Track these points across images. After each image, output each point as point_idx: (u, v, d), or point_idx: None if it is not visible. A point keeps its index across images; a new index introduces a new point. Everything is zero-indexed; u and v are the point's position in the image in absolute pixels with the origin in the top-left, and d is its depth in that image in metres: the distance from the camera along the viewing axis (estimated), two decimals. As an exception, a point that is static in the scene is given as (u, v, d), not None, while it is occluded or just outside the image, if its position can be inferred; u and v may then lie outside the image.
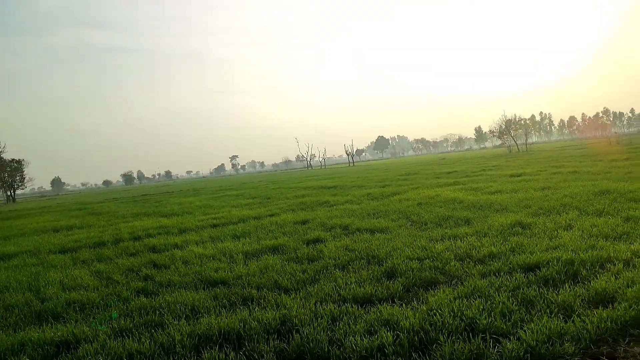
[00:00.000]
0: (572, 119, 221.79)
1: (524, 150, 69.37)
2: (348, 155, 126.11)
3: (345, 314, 4.62)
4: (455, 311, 4.27)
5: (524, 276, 5.17)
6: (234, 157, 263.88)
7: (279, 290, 5.76)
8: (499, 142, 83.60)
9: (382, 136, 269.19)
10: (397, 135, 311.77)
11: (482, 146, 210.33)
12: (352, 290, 5.32)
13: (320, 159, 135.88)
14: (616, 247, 5.93)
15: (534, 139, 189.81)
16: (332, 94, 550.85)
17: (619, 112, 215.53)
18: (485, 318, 4.05)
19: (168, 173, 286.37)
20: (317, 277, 6.15)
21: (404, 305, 4.74)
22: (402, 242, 7.62)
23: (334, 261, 6.84)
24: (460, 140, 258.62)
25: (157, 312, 5.24)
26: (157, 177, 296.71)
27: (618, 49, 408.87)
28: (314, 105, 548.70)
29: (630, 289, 4.30)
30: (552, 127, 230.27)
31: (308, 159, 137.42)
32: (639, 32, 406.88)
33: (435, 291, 5.05)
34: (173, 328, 4.62)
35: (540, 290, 4.68)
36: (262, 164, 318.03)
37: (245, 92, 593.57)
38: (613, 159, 23.95)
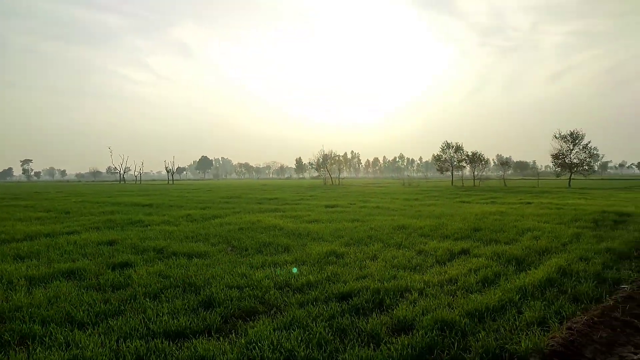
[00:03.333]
0: (375, 159, 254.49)
1: (337, 183, 76.29)
2: (168, 172, 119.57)
3: (154, 352, 4.09)
4: (275, 344, 4.17)
5: (339, 305, 5.41)
6: (26, 162, 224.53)
7: (72, 324, 4.84)
8: (316, 173, 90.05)
9: (205, 156, 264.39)
10: (222, 157, 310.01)
11: (300, 176, 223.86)
12: (163, 322, 4.79)
13: (136, 173, 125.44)
14: (412, 277, 6.72)
15: (345, 174, 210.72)
16: (154, 107, 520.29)
17: (411, 159, 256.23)
18: (304, 349, 4.04)
19: None
20: (122, 308, 5.39)
21: (221, 338, 4.44)
22: (221, 269, 7.31)
23: (144, 289, 6.12)
24: (282, 169, 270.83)
25: None
26: None
27: (419, 106, 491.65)
28: (134, 115, 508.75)
29: (425, 317, 4.85)
30: (360, 165, 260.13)
31: (122, 172, 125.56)
32: (442, 93, 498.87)
33: (255, 322, 4.89)
34: None
35: (353, 319, 4.93)
36: (63, 172, 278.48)
37: (46, 87, 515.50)
38: (406, 198, 27.96)
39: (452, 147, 68.83)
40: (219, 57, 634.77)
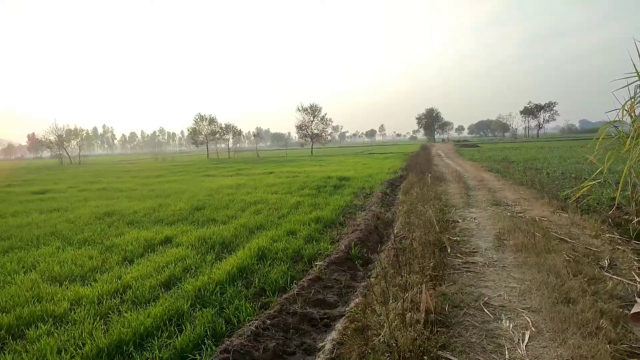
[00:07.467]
0: (132, 134, 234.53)
1: (78, 162, 65.71)
2: None
3: None
4: None
5: None
6: None
7: None
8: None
9: None
10: None
11: (37, 155, 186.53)
12: None
13: None
14: (68, 292, 4.80)
15: (97, 151, 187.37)
16: None
17: (172, 132, 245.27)
18: None
19: None
20: None
21: None
22: None
23: None
24: (11, 147, 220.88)
25: None
26: None
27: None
28: None
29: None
30: (115, 141, 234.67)
31: None
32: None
33: None
34: None
35: None
36: None
37: None
38: (147, 176, 25.19)
39: (206, 119, 67.41)
40: None
